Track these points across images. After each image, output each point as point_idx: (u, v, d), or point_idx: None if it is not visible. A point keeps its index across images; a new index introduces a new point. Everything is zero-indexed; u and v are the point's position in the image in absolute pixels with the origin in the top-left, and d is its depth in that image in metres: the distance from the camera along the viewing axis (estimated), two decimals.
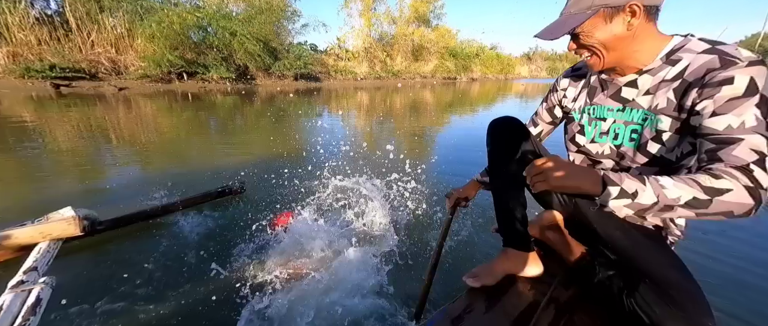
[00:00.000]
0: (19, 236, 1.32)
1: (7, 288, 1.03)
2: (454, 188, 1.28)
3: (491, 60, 27.84)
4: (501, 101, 10.34)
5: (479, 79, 25.48)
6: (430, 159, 3.49)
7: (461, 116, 7.06)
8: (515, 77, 32.10)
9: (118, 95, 8.05)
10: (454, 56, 22.61)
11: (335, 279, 1.42)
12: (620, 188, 0.62)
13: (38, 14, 8.98)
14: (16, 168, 2.93)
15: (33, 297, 0.99)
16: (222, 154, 3.56)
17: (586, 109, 0.88)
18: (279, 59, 12.85)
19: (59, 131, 4.28)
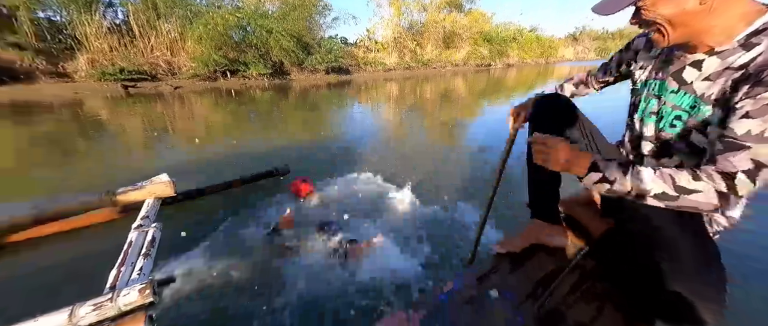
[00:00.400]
0: (136, 194, 1.74)
1: (131, 228, 1.39)
2: (517, 105, 1.22)
3: (530, 43, 26.08)
4: (540, 87, 9.84)
5: (516, 64, 24.11)
6: (457, 147, 3.62)
7: (492, 104, 6.96)
8: (558, 61, 29.77)
9: (173, 93, 9.09)
10: (488, 41, 21.60)
11: (387, 230, 1.73)
12: (602, 175, 0.68)
13: (109, 24, 10.33)
14: (100, 151, 3.73)
15: (149, 235, 1.31)
16: (265, 141, 4.01)
17: (648, 83, 0.82)
18: (311, 54, 13.39)
19: (131, 123, 5.08)
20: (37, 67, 8.76)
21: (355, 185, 2.47)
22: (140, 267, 1.10)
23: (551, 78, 13.57)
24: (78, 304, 0.83)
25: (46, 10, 9.61)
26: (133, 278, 1.05)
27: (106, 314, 0.82)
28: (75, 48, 9.56)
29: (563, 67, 21.35)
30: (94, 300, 0.85)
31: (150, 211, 1.57)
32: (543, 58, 27.46)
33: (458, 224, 1.87)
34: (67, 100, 7.60)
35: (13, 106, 6.73)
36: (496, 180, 1.10)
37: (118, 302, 0.84)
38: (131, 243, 1.24)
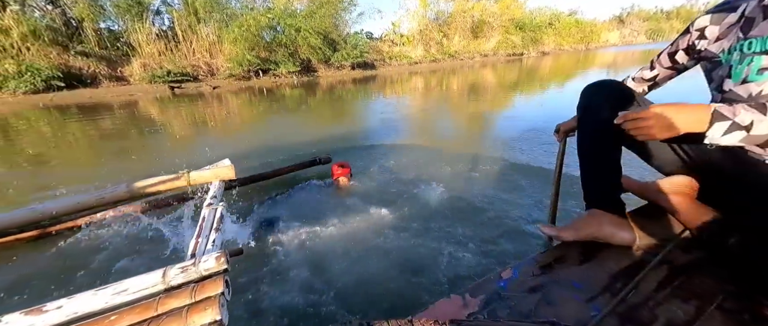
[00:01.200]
0: (205, 175, 2.00)
1: (203, 206, 1.57)
2: (560, 123, 1.33)
3: (568, 28, 24.34)
4: (580, 76, 9.16)
5: (552, 52, 22.67)
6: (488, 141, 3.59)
7: (523, 96, 6.67)
8: (601, 46, 27.41)
9: (213, 93, 9.86)
10: (520, 29, 20.51)
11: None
12: (732, 122, 0.58)
13: (157, 30, 11.39)
14: (160, 143, 4.26)
15: (218, 213, 1.47)
16: (300, 133, 4.32)
17: (737, 46, 0.75)
18: (337, 50, 13.71)
19: (182, 120, 5.67)
20: (100, 73, 9.96)
21: (393, 174, 2.65)
22: (213, 239, 1.26)
23: (592, 66, 12.59)
24: (169, 267, 0.98)
25: (106, 20, 10.86)
26: (209, 248, 1.20)
27: (190, 277, 0.96)
28: (130, 54, 10.70)
29: (607, 54, 19.65)
30: (180, 264, 0.99)
31: (217, 191, 1.77)
32: (583, 44, 25.48)
33: (506, 214, 1.92)
34: (124, 101, 8.58)
35: (82, 107, 7.77)
36: (556, 173, 1.33)
37: (200, 267, 0.97)
38: (204, 218, 1.41)
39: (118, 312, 0.83)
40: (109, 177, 3.03)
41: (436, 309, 0.75)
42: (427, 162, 2.92)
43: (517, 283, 0.82)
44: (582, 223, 0.92)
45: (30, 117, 6.65)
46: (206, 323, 0.79)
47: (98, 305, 0.89)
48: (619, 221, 0.89)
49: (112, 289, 0.92)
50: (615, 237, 0.88)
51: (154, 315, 0.81)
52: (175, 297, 0.86)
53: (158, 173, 2.01)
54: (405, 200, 2.16)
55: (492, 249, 1.60)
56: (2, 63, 8.36)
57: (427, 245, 1.64)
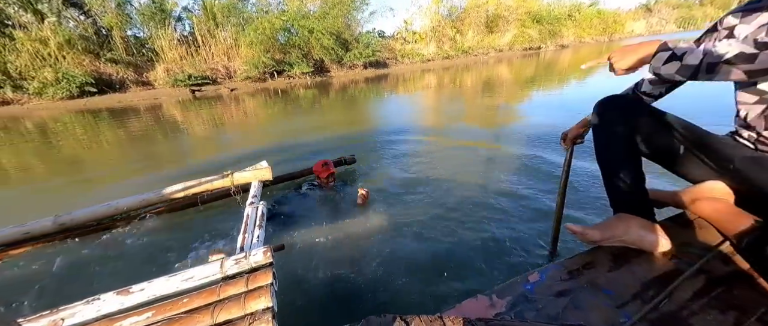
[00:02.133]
0: (246, 176, 2.18)
1: (246, 204, 1.68)
2: (566, 131, 1.31)
3: (589, 19, 23.36)
4: (600, 72, 8.81)
5: (572, 45, 21.85)
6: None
7: (541, 92, 6.49)
8: (625, 37, 26.06)
9: (230, 95, 10.25)
10: (537, 22, 19.91)
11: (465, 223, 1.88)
12: (671, 53, 0.68)
13: (179, 36, 11.96)
14: (184, 143, 4.55)
15: (260, 210, 1.60)
16: (316, 133, 4.47)
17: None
18: (350, 50, 13.88)
19: (202, 122, 6.01)
20: (128, 78, 10.60)
21: (411, 172, 2.72)
22: (258, 235, 1.39)
23: None
24: (225, 258, 1.11)
25: (132, 28, 11.53)
26: (254, 242, 1.33)
27: (242, 268, 1.08)
28: (154, 59, 11.31)
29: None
30: (235, 257, 1.11)
31: (257, 191, 1.92)
32: (606, 36, 24.36)
33: (528, 215, 1.93)
34: (149, 104, 9.10)
35: (113, 110, 8.33)
36: (560, 195, 1.30)
37: (250, 260, 1.09)
38: (248, 216, 1.54)
39: (189, 295, 0.97)
40: (145, 173, 3.36)
41: (464, 307, 0.76)
42: (443, 160, 2.97)
43: (544, 286, 0.82)
44: (609, 225, 0.89)
45: (67, 121, 7.21)
46: (260, 309, 0.90)
47: (171, 288, 1.05)
48: (648, 225, 0.85)
49: (181, 276, 1.07)
50: (644, 241, 0.84)
51: (217, 299, 0.94)
52: (233, 285, 0.99)
53: (193, 171, 2.23)
54: (423, 199, 2.21)
55: (511, 251, 1.60)
56: (42, 71, 9.08)
57: (444, 244, 1.69)
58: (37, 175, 3.62)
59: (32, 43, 9.10)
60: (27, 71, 9.10)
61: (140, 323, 0.91)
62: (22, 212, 2.48)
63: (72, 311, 0.98)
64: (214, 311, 0.89)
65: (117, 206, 2.05)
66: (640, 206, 0.89)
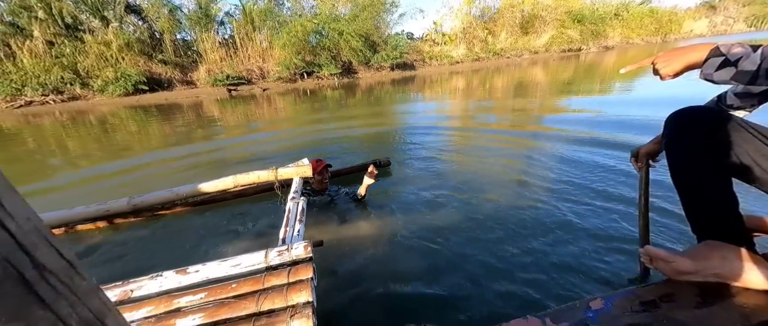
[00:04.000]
0: (289, 171, 2.25)
1: (287, 200, 1.73)
2: (638, 147, 1.16)
3: (639, 19, 21.45)
4: (646, 76, 7.70)
5: (617, 46, 20.23)
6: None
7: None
8: (683, 38, 23.49)
9: (263, 95, 10.86)
10: (579, 22, 18.72)
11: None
12: (724, 58, 0.63)
13: (221, 39, 12.91)
14: (219, 139, 4.80)
15: (301, 205, 1.63)
16: (345, 135, 4.53)
17: None
18: (377, 52, 14.06)
19: (237, 119, 6.29)
20: (174, 78, 11.66)
21: (441, 179, 2.62)
22: (298, 229, 1.42)
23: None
24: (269, 250, 1.14)
25: (181, 32, 12.65)
26: (295, 236, 1.36)
27: (284, 260, 1.11)
28: (197, 61, 12.33)
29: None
30: (278, 248, 1.15)
31: (298, 187, 1.97)
32: (659, 36, 22.22)
33: (600, 230, 1.71)
34: (191, 102, 9.91)
35: (160, 107, 9.22)
36: (642, 214, 1.17)
37: (292, 253, 1.12)
38: (289, 210, 1.58)
39: (237, 281, 1.04)
40: (187, 166, 3.61)
41: None
42: (478, 165, 2.87)
43: (609, 317, 0.70)
44: (701, 253, 0.74)
45: (123, 116, 8.11)
46: (302, 302, 0.94)
47: (221, 272, 1.12)
48: (749, 256, 0.69)
49: (230, 262, 1.14)
50: (748, 276, 0.67)
51: (261, 288, 1.00)
52: (276, 276, 1.04)
53: (228, 166, 2.43)
54: (460, 206, 2.14)
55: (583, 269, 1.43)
56: (105, 71, 10.29)
57: (482, 255, 1.60)
58: (97, 160, 4.15)
59: (98, 46, 10.34)
60: (93, 71, 10.35)
61: (195, 303, 0.98)
62: (96, 195, 2.82)
63: (139, 284, 1.09)
64: (259, 299, 0.95)
65: (178, 192, 2.29)
66: (736, 233, 0.73)
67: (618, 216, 1.84)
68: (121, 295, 1.09)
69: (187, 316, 0.98)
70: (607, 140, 3.16)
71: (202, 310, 0.98)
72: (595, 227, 1.76)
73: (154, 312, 1.01)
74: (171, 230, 2.19)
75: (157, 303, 1.02)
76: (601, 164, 2.61)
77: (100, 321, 0.22)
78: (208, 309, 0.98)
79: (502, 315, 0.75)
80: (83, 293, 0.21)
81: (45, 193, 3.06)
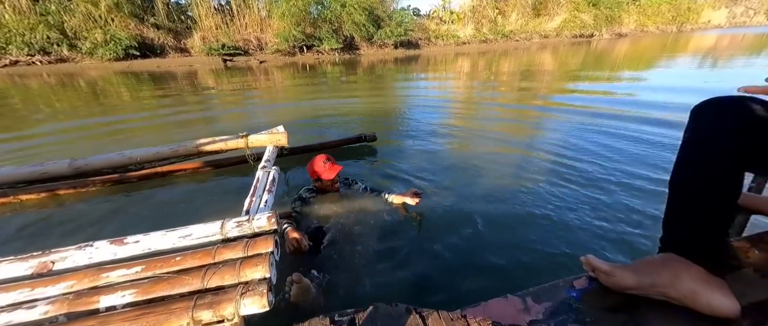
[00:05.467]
0: (261, 139, 2.16)
1: (258, 169, 1.61)
2: None
3: (656, 5, 20.55)
4: (663, 65, 7.50)
5: (631, 34, 19.46)
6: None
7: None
8: (699, 28, 22.65)
9: (260, 67, 10.42)
10: (594, 5, 17.89)
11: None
12: None
13: (216, 4, 12.26)
14: (213, 110, 4.69)
15: (272, 175, 1.54)
16: (337, 112, 4.35)
17: None
18: (381, 28, 13.43)
19: (231, 91, 6.08)
20: (167, 44, 11.12)
21: (434, 163, 2.48)
22: (266, 200, 1.33)
23: (683, 52, 10.24)
24: (226, 220, 1.05)
25: None
26: (261, 207, 1.28)
27: (244, 232, 1.03)
28: (191, 27, 11.72)
29: (706, 37, 16.02)
30: (236, 219, 1.06)
31: (271, 155, 1.87)
32: (674, 25, 21.36)
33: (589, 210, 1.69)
34: (185, 71, 9.49)
35: (152, 74, 8.82)
36: None
37: (253, 224, 1.04)
38: (258, 180, 1.48)
39: (182, 254, 0.92)
40: (168, 130, 3.52)
41: (491, 307, 0.66)
42: (472, 158, 2.67)
43: (594, 296, 0.68)
44: (650, 267, 0.67)
45: (113, 81, 7.76)
46: (256, 278, 0.83)
47: (167, 244, 1.01)
48: (710, 280, 0.63)
49: (178, 233, 1.03)
50: (698, 299, 0.61)
51: (211, 262, 0.89)
52: (231, 249, 0.92)
53: (218, 133, 2.24)
54: (449, 184, 2.07)
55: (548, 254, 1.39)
56: (93, 32, 9.78)
57: (467, 233, 1.56)
58: (73, 116, 3.92)
59: (85, 4, 9.77)
60: (80, 32, 9.83)
61: (128, 277, 0.87)
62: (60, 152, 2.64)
63: (63, 255, 0.96)
64: (205, 275, 0.83)
65: (130, 156, 2.09)
66: (709, 252, 0.66)
67: (607, 197, 1.85)
68: (39, 267, 0.94)
69: (115, 292, 0.83)
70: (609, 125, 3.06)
71: (134, 286, 0.84)
72: (587, 207, 1.75)
73: (74, 288, 0.86)
74: (119, 202, 1.98)
75: (81, 277, 0.87)
76: (600, 145, 2.63)
77: None
78: (143, 285, 0.84)
79: (482, 295, 0.68)
80: None
81: None
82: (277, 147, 2.14)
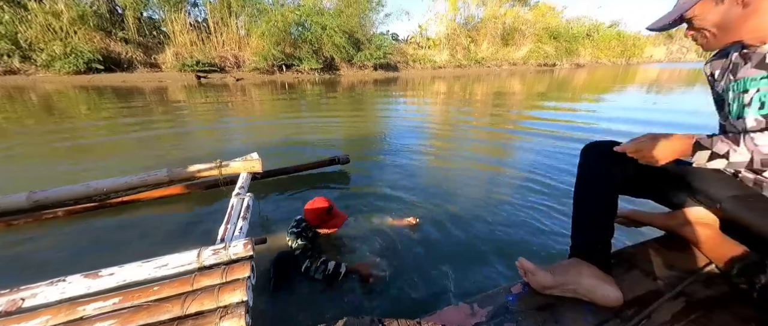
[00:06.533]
0: (235, 166, 2.08)
1: (232, 196, 1.63)
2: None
3: (607, 41, 23.00)
4: (616, 92, 8.47)
5: (588, 65, 21.48)
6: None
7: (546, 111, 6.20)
8: (644, 62, 25.67)
9: (236, 85, 10.14)
10: (554, 38, 19.65)
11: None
12: (711, 152, 0.72)
13: (192, 21, 11.96)
14: (183, 133, 4.29)
15: (246, 202, 1.55)
16: (315, 132, 4.26)
17: (729, 87, 0.85)
18: (361, 50, 13.74)
19: (204, 110, 5.89)
20: (136, 58, 10.56)
21: (407, 180, 2.57)
22: (241, 226, 1.36)
23: (632, 83, 11.63)
24: (203, 248, 1.07)
25: (148, 9, 11.54)
26: (236, 234, 1.30)
27: (221, 259, 1.05)
28: (164, 42, 11.29)
29: (649, 70, 18.28)
30: (213, 247, 1.07)
31: (245, 182, 1.89)
32: (623, 58, 23.95)
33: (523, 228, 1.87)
34: (154, 87, 9.00)
35: (117, 89, 8.24)
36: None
37: (230, 251, 1.06)
38: (233, 207, 1.51)
39: (160, 283, 0.93)
40: (133, 154, 3.24)
41: (444, 314, 0.77)
42: (443, 175, 2.83)
43: (526, 298, 0.83)
44: (562, 269, 0.87)
45: (71, 96, 7.13)
46: (235, 302, 0.87)
47: (143, 275, 1.01)
48: (602, 276, 0.84)
49: (154, 263, 1.03)
50: (595, 293, 0.82)
51: (190, 289, 0.91)
52: (208, 276, 0.95)
53: (189, 159, 2.15)
54: (417, 202, 2.18)
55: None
56: (51, 44, 9.08)
57: (433, 248, 1.67)
58: (25, 144, 3.46)
59: (45, 16, 9.13)
60: (37, 43, 9.11)
61: (106, 309, 0.86)
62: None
63: (34, 291, 0.93)
64: (185, 302, 0.86)
65: (96, 187, 1.96)
66: (601, 256, 0.88)
67: (549, 208, 2.07)
68: (7, 305, 0.90)
69: (95, 324, 0.82)
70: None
71: (113, 317, 0.83)
72: (528, 217, 1.97)
73: (50, 323, 0.84)
74: (86, 233, 1.82)
75: (56, 312, 0.85)
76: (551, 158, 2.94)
77: None
78: (122, 315, 0.84)
79: (444, 302, 0.89)
80: None
81: None
82: (251, 174, 2.10)
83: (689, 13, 0.78)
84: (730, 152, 0.71)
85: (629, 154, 0.83)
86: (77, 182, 2.00)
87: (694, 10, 0.77)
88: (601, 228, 0.90)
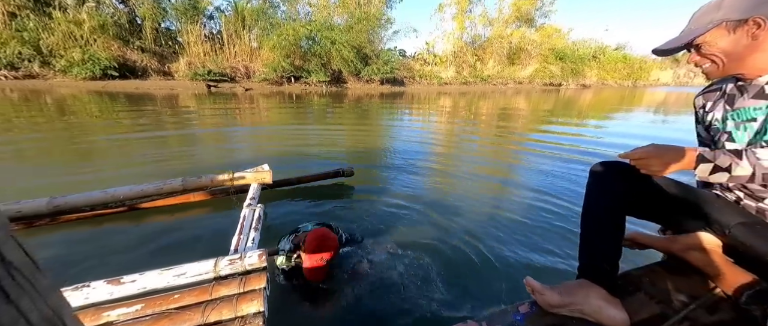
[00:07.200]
0: (247, 177, 2.12)
1: (243, 207, 1.65)
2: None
3: (613, 63, 23.18)
4: (622, 114, 8.30)
5: (594, 86, 21.60)
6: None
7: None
8: (651, 85, 25.63)
9: (245, 94, 10.34)
10: (560, 59, 19.89)
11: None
12: (714, 165, 0.73)
13: (207, 33, 12.36)
14: (192, 139, 4.34)
15: (257, 213, 1.57)
16: (322, 143, 4.27)
17: (728, 115, 0.88)
18: (369, 64, 14.01)
19: (213, 117, 6.01)
20: (150, 66, 10.89)
21: (412, 196, 2.49)
22: (253, 237, 1.37)
23: (639, 104, 11.49)
24: (219, 258, 1.08)
25: (165, 21, 11.98)
26: (249, 245, 1.31)
27: (236, 269, 1.06)
28: (178, 52, 11.66)
29: (657, 93, 18.20)
30: (228, 257, 1.09)
31: (256, 193, 1.92)
32: (630, 81, 24.04)
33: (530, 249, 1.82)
34: (166, 94, 9.21)
35: (130, 96, 8.46)
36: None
37: (245, 262, 1.08)
38: (244, 217, 1.53)
39: (180, 292, 0.95)
40: (145, 162, 3.24)
41: None
42: (447, 190, 2.77)
43: (534, 317, 0.83)
44: (569, 289, 0.86)
45: (85, 100, 7.32)
46: (252, 313, 0.90)
47: (162, 283, 1.03)
48: (609, 298, 0.84)
49: (174, 271, 1.05)
50: (601, 314, 0.81)
51: (209, 298, 0.94)
52: (226, 286, 0.98)
53: (198, 164, 2.20)
54: (422, 218, 2.15)
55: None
56: (71, 51, 9.41)
57: (438, 265, 1.63)
58: (42, 151, 3.54)
59: (67, 24, 9.50)
60: (57, 50, 9.44)
61: (129, 315, 0.90)
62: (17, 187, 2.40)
63: None
64: (205, 310, 0.89)
65: (114, 194, 2.01)
66: (607, 277, 0.88)
67: (556, 227, 2.04)
68: None
69: None
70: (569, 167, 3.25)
71: (137, 323, 0.87)
72: (536, 235, 1.94)
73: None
74: (103, 238, 1.86)
75: (82, 316, 0.89)
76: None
77: (59, 317, 0.23)
78: (146, 322, 0.88)
79: (451, 319, 0.84)
80: (44, 290, 0.22)
81: None
82: (261, 184, 2.13)
83: (701, 39, 0.79)
84: (732, 166, 0.72)
85: (632, 162, 0.83)
86: (79, 182, 2.03)
87: (706, 37, 0.78)
88: (608, 250, 0.90)
